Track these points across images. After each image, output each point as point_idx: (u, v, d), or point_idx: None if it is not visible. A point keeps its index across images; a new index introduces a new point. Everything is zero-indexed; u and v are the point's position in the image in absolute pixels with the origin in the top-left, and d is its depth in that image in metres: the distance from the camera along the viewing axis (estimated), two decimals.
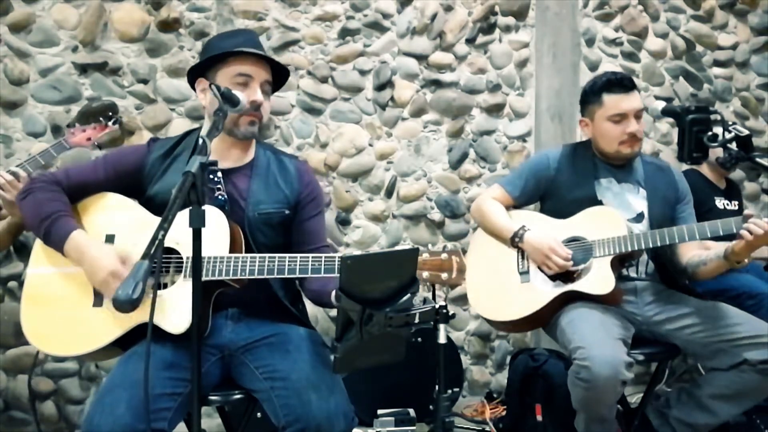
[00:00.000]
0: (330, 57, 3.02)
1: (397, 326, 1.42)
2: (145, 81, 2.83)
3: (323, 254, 1.67)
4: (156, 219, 1.70)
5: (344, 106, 3.05)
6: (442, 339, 1.57)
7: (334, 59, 3.02)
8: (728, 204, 2.94)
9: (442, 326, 1.56)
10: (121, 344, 1.69)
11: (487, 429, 2.74)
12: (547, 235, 2.18)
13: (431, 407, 2.65)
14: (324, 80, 3.02)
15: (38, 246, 1.79)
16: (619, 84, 2.22)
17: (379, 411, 2.55)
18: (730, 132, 1.70)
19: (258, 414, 1.97)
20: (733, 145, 1.73)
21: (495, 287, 2.25)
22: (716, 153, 1.86)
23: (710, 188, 2.93)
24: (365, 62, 3.05)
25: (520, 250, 2.25)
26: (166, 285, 1.70)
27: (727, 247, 2.02)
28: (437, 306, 1.52)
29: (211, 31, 2.85)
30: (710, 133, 1.68)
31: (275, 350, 1.70)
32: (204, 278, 1.62)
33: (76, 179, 1.82)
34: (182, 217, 1.33)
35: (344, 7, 3.03)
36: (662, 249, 2.17)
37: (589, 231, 2.17)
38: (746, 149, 1.74)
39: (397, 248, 2.97)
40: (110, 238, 1.76)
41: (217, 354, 1.74)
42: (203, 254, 1.56)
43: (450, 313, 1.56)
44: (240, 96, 1.64)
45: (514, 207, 2.37)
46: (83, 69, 2.77)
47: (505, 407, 2.74)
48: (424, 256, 1.60)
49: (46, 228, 1.71)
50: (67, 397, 2.77)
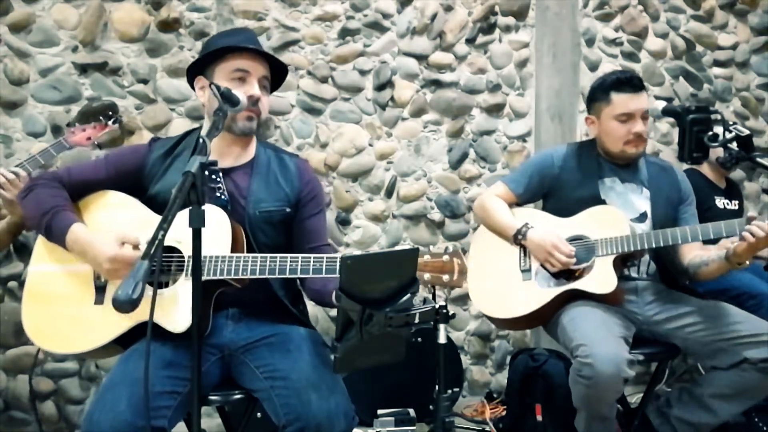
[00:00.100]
0: (330, 57, 3.02)
1: (397, 326, 1.42)
2: (145, 81, 2.83)
3: (324, 254, 1.67)
4: (158, 217, 1.70)
5: (344, 106, 3.04)
6: (442, 339, 1.57)
7: (334, 59, 3.02)
8: (728, 203, 2.94)
9: (442, 326, 1.56)
10: (122, 342, 1.69)
11: (487, 429, 2.74)
12: (551, 233, 2.18)
13: (431, 407, 2.65)
14: (324, 80, 3.01)
15: (40, 243, 1.79)
16: (629, 83, 2.22)
17: (379, 411, 2.55)
18: (731, 132, 1.70)
19: (258, 414, 1.97)
20: (734, 145, 1.73)
21: (496, 284, 2.25)
22: (717, 153, 1.87)
23: (710, 188, 2.93)
24: (365, 62, 3.05)
25: (523, 248, 2.25)
26: (168, 284, 1.70)
27: (729, 249, 2.02)
28: (437, 306, 1.52)
29: (211, 31, 2.85)
30: (711, 133, 1.69)
31: (275, 350, 1.70)
32: (205, 277, 1.62)
33: (78, 177, 1.82)
34: (184, 217, 1.33)
35: (344, 7, 3.03)
36: (664, 249, 2.17)
37: (592, 230, 2.17)
38: (747, 149, 1.74)
39: (397, 248, 2.97)
40: None
41: (217, 354, 1.74)
42: (205, 254, 1.57)
43: (450, 313, 1.55)
44: (240, 96, 1.64)
45: (517, 204, 2.37)
46: (83, 69, 2.77)
47: (505, 407, 2.73)
48: (426, 258, 1.59)
49: (47, 222, 1.71)
50: (67, 397, 2.76)
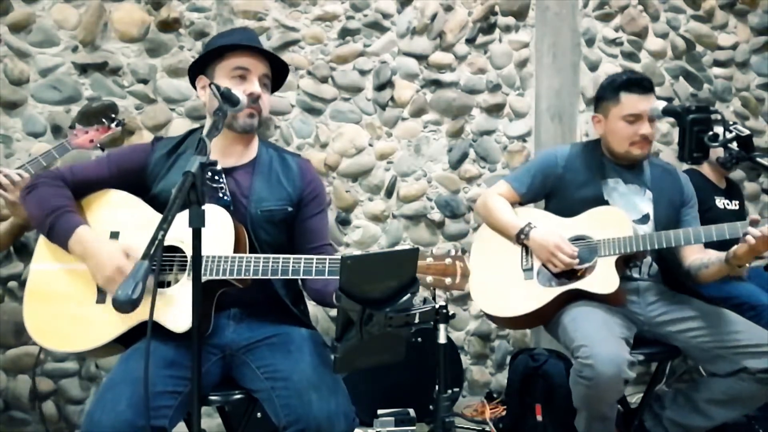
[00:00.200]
0: (330, 57, 3.02)
1: (397, 326, 1.42)
2: (145, 81, 2.83)
3: (327, 255, 1.67)
4: (160, 216, 1.69)
5: (344, 106, 3.04)
6: (442, 339, 1.57)
7: (334, 59, 3.02)
8: (729, 204, 2.93)
9: (442, 326, 1.56)
10: (123, 341, 1.69)
11: (487, 429, 2.74)
12: (554, 233, 2.18)
13: (431, 407, 2.65)
14: (324, 80, 3.01)
15: (42, 242, 1.78)
16: (639, 84, 2.21)
17: (379, 411, 2.55)
18: (731, 132, 1.69)
19: (258, 414, 1.97)
20: (734, 145, 1.73)
21: (498, 283, 2.25)
22: (717, 153, 1.86)
23: (711, 188, 2.93)
24: (365, 62, 3.05)
25: (525, 247, 2.25)
26: (170, 283, 1.70)
27: (729, 251, 2.02)
28: (437, 306, 1.52)
29: (211, 31, 2.85)
30: (711, 133, 1.68)
31: (276, 350, 1.70)
32: (208, 277, 1.62)
33: (81, 176, 1.82)
34: (186, 216, 1.33)
35: (344, 7, 3.03)
36: (666, 251, 2.17)
37: (595, 230, 2.17)
38: (747, 149, 1.74)
39: (398, 248, 2.97)
40: (115, 235, 1.75)
41: (218, 354, 1.74)
42: (208, 253, 1.57)
43: (450, 313, 1.56)
44: (239, 95, 1.64)
45: (520, 204, 2.37)
46: (83, 69, 2.77)
47: (505, 407, 2.73)
48: (428, 261, 1.59)
49: (51, 223, 1.71)
50: (67, 397, 2.76)
